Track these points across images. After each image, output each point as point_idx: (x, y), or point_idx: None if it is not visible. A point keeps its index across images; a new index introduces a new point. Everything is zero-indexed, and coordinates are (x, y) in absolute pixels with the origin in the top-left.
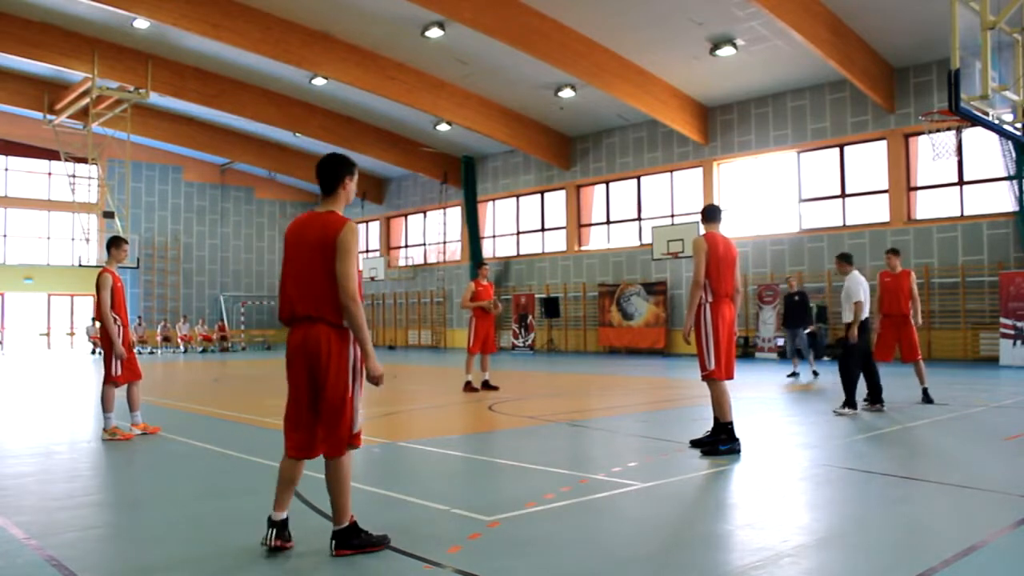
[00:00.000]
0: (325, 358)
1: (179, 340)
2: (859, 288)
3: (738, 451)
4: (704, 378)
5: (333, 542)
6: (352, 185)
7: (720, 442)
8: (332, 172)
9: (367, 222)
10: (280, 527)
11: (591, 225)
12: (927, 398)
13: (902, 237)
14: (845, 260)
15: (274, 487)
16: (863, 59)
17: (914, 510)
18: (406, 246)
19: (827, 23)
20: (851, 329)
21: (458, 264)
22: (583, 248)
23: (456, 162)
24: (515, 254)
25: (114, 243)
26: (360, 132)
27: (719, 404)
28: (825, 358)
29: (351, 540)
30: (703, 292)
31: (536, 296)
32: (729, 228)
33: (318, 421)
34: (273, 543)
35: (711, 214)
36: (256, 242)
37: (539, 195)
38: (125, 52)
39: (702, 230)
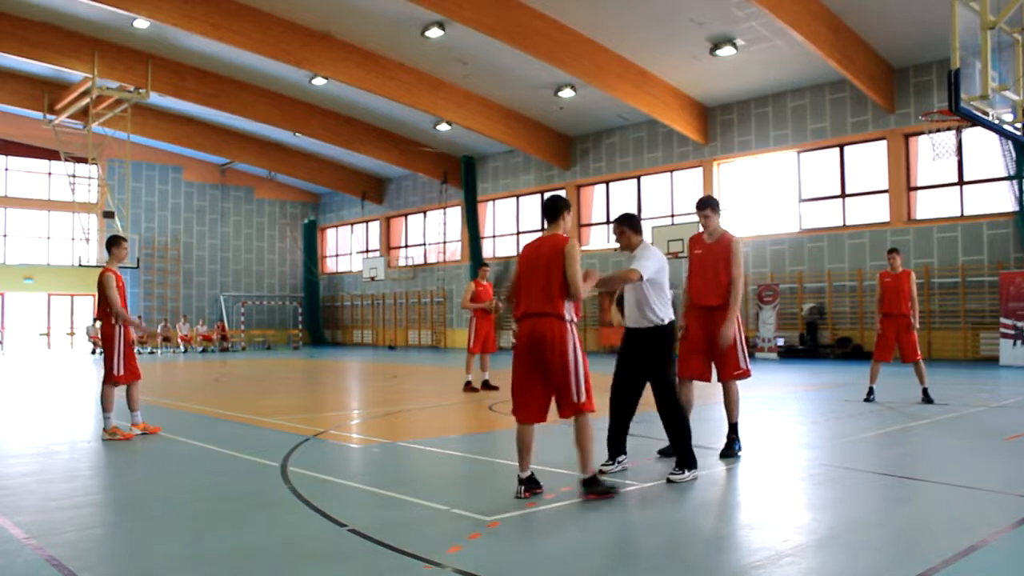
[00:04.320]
0: (551, 343)
1: (179, 340)
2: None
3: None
4: (736, 378)
5: (583, 488)
6: (569, 217)
7: (734, 442)
8: (556, 207)
9: (367, 222)
10: (527, 482)
11: (591, 225)
12: (927, 398)
13: (902, 237)
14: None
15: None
16: (863, 59)
17: (914, 510)
18: (406, 246)
19: (827, 23)
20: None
21: (458, 264)
22: (583, 248)
23: (456, 162)
24: (515, 254)
25: (114, 242)
26: (360, 132)
27: (737, 404)
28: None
29: (595, 487)
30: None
31: None
32: (729, 228)
33: (546, 394)
34: (523, 495)
35: (719, 207)
36: (256, 242)
37: (539, 195)
38: (125, 52)
39: (718, 222)
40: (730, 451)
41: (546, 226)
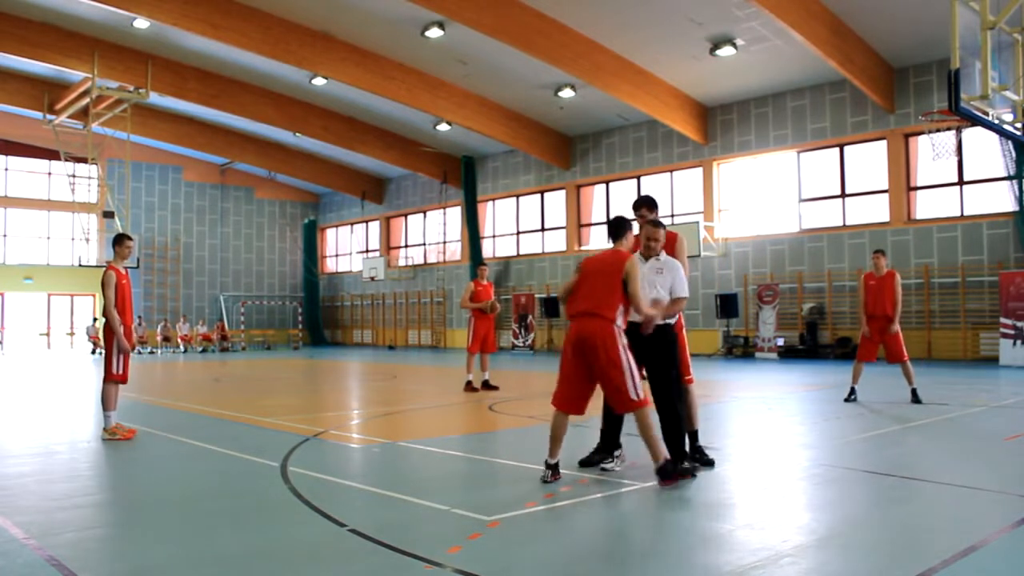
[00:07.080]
0: (602, 346)
1: (179, 340)
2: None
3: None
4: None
5: (658, 476)
6: (632, 235)
7: (703, 451)
8: (620, 227)
9: (367, 222)
10: (554, 468)
11: (591, 225)
12: (915, 398)
13: (902, 237)
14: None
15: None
16: (863, 59)
17: (914, 510)
18: (406, 246)
19: (827, 23)
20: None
21: (458, 264)
22: (583, 248)
23: (456, 162)
24: (515, 254)
25: (118, 240)
26: (360, 132)
27: (696, 408)
28: (832, 358)
29: (668, 473)
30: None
31: (536, 296)
32: (729, 228)
33: (588, 390)
34: (550, 479)
35: (655, 204)
36: (256, 242)
37: (539, 195)
38: (125, 52)
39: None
40: (704, 459)
41: (611, 243)
